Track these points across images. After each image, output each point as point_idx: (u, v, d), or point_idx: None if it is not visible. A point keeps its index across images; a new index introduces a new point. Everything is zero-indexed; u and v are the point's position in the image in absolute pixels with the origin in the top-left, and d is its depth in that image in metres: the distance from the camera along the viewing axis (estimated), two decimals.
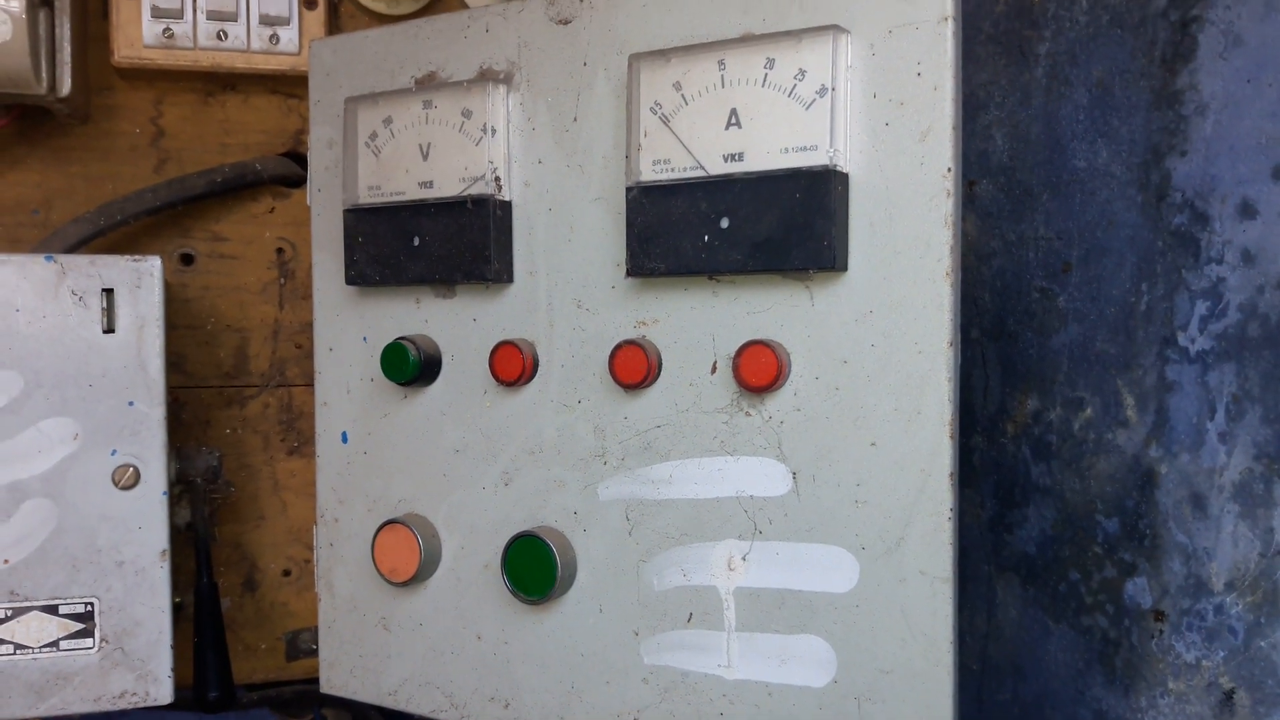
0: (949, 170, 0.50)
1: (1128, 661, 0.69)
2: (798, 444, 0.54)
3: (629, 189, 0.56)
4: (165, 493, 0.69)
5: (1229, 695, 0.64)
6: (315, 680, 0.87)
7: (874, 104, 0.52)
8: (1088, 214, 0.73)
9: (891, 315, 0.52)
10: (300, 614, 0.86)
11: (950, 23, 0.50)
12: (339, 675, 0.69)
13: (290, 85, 0.86)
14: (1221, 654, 0.65)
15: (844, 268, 0.52)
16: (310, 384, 0.86)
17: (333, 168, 0.68)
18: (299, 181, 0.86)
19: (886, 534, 0.52)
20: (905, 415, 0.52)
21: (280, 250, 0.86)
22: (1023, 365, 0.77)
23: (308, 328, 0.86)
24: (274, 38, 0.83)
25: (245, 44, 0.83)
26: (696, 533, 0.57)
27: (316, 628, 0.85)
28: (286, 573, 0.86)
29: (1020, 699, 0.78)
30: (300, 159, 0.87)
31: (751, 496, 0.55)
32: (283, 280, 0.86)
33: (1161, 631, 0.67)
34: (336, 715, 0.94)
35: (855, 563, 0.53)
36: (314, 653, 0.85)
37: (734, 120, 0.53)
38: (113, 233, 0.79)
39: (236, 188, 0.83)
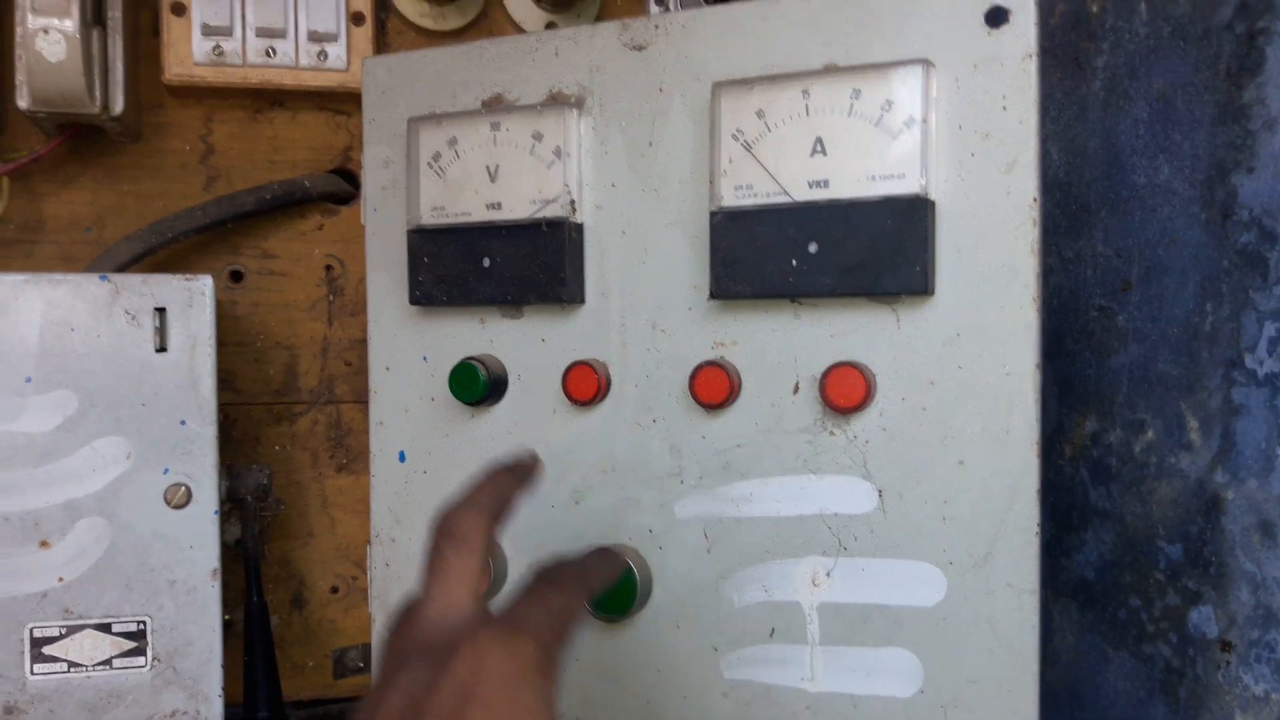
0: (1034, 200, 0.52)
1: (1192, 692, 0.67)
2: (883, 463, 0.56)
3: (713, 213, 0.57)
4: (216, 511, 0.69)
5: None
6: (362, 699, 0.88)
7: (959, 135, 0.53)
8: (1148, 231, 0.71)
9: (979, 339, 0.54)
10: (348, 632, 0.86)
11: (1035, 59, 0.52)
12: None
13: (338, 102, 0.86)
14: None
15: (932, 292, 0.54)
16: (359, 401, 0.86)
17: (389, 187, 0.68)
18: (347, 198, 0.86)
19: (974, 549, 0.54)
20: (993, 435, 0.53)
21: (329, 267, 0.86)
22: (1080, 385, 0.76)
23: (356, 345, 0.86)
24: (322, 54, 0.83)
25: (294, 60, 0.83)
26: (779, 550, 0.58)
27: (364, 645, 0.85)
28: (334, 590, 0.86)
29: None
30: (349, 175, 0.87)
31: (836, 514, 0.57)
32: (331, 297, 0.86)
33: (1229, 663, 0.65)
34: None
35: (943, 577, 0.55)
36: (361, 670, 0.85)
37: (819, 148, 0.55)
38: (163, 250, 0.80)
39: (285, 205, 0.84)
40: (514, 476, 0.53)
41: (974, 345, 0.54)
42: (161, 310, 0.69)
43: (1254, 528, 0.63)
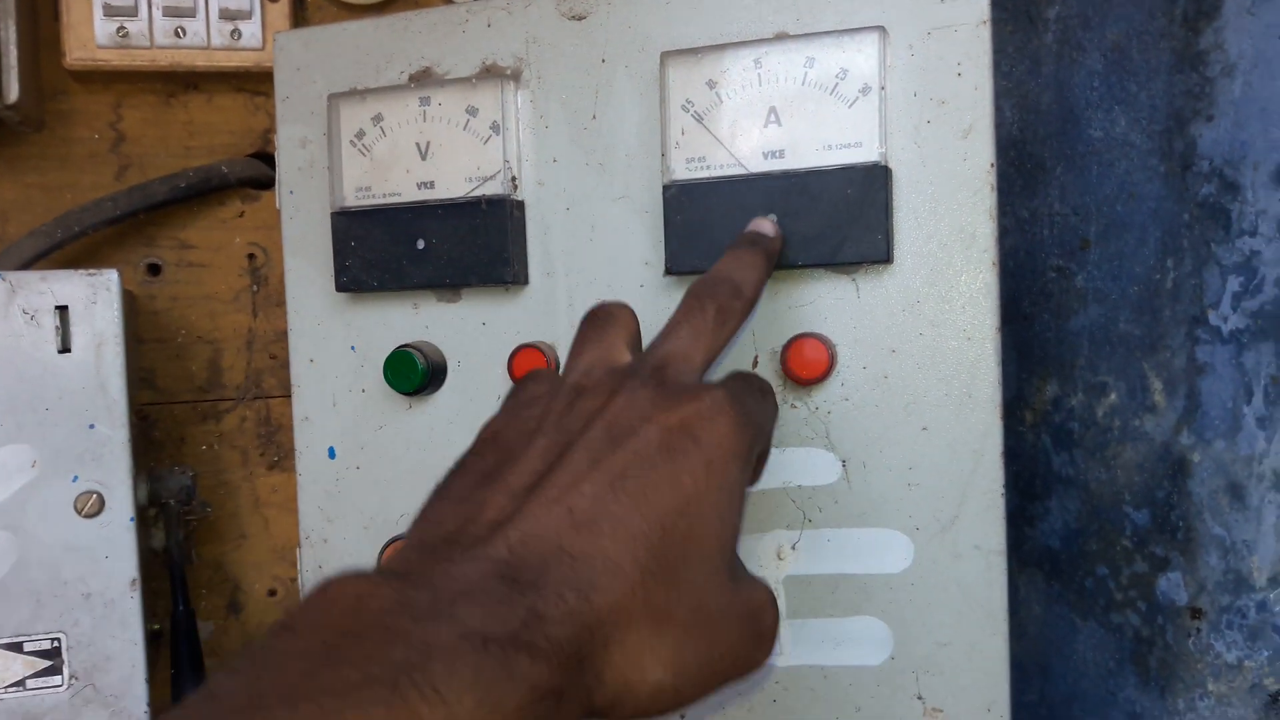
0: (991, 165, 0.53)
1: (1163, 661, 0.65)
2: (846, 432, 0.56)
3: (666, 187, 0.56)
4: (133, 519, 0.65)
5: (1275, 697, 0.60)
6: None
7: (914, 102, 0.54)
8: (1106, 187, 0.68)
9: (939, 304, 0.54)
10: None
11: (988, 25, 0.53)
12: None
13: (255, 82, 0.82)
14: (1266, 653, 0.60)
15: (891, 260, 0.54)
16: (288, 395, 0.81)
17: (306, 168, 0.64)
18: (268, 183, 0.82)
19: (940, 514, 0.54)
20: (956, 399, 0.54)
21: (252, 256, 0.82)
22: (1040, 350, 0.73)
23: (283, 336, 0.81)
24: (235, 33, 0.78)
25: (205, 40, 0.78)
26: (743, 525, 0.56)
27: None
28: (272, 593, 0.82)
29: (1048, 700, 0.74)
30: (269, 159, 0.82)
31: (800, 486, 0.56)
32: (255, 287, 0.82)
33: (1199, 630, 0.63)
34: None
35: (909, 543, 0.55)
36: None
37: (773, 118, 0.54)
38: (73, 245, 0.75)
39: (203, 192, 0.79)
40: (765, 248, 0.52)
41: (934, 311, 0.54)
42: (63, 309, 0.64)
43: (1222, 490, 0.61)
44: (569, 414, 0.41)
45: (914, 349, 0.55)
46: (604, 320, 0.47)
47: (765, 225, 0.54)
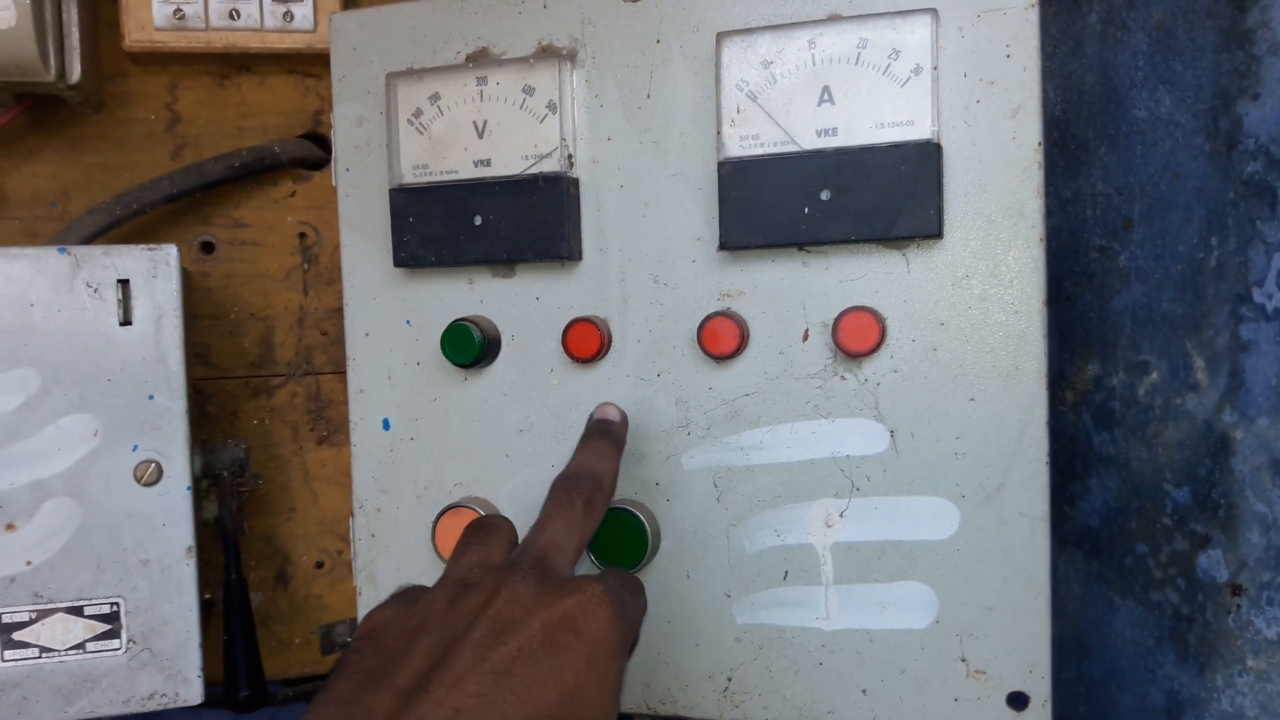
0: (1039, 144, 0.55)
1: (1202, 638, 0.65)
2: (895, 403, 0.57)
3: (721, 164, 0.57)
4: (189, 488, 0.67)
5: None
6: None
7: (964, 83, 0.56)
8: (1150, 167, 0.68)
9: (987, 279, 0.56)
10: (334, 607, 0.84)
11: (1036, 9, 0.54)
12: None
13: (307, 64, 0.83)
14: None
15: (941, 235, 0.56)
16: (338, 371, 0.83)
17: (362, 146, 0.66)
18: (319, 163, 0.84)
19: (987, 482, 0.56)
20: (1003, 371, 0.56)
21: (303, 235, 0.84)
22: (1082, 329, 0.73)
23: (333, 314, 0.83)
24: (288, 15, 0.80)
25: (259, 22, 0.80)
26: (790, 494, 0.59)
27: (351, 620, 0.83)
28: (319, 565, 0.84)
29: (1086, 678, 0.75)
30: (320, 140, 0.84)
31: (848, 456, 0.58)
32: (306, 266, 0.84)
33: (1239, 606, 0.63)
34: None
35: (956, 511, 0.57)
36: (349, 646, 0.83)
37: (827, 97, 0.56)
38: (131, 223, 0.77)
39: (255, 171, 0.81)
40: (614, 436, 0.57)
41: (983, 286, 0.56)
42: (124, 282, 0.66)
43: (1264, 467, 0.61)
44: (452, 611, 0.42)
45: (963, 322, 0.56)
46: (485, 529, 0.50)
47: (611, 412, 0.59)
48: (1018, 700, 0.57)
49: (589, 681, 0.41)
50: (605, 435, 0.56)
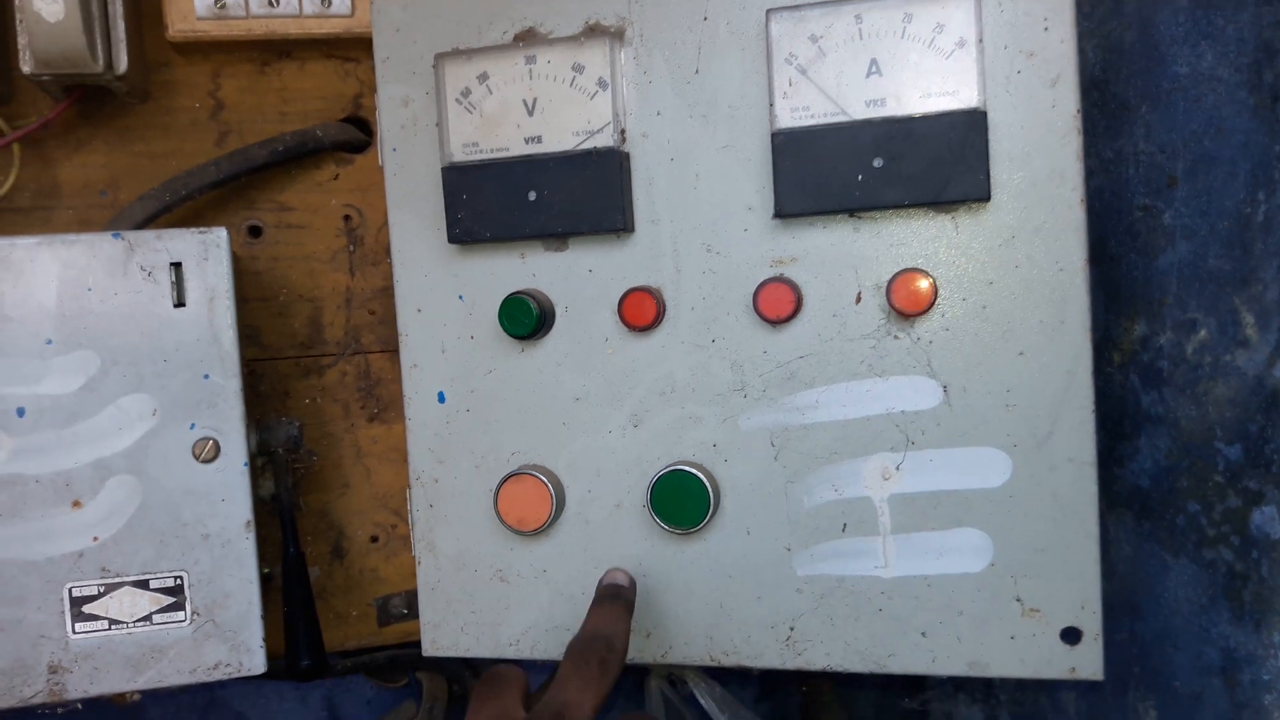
0: (1077, 111, 0.58)
1: (1257, 595, 0.65)
2: (947, 360, 0.60)
3: (775, 134, 0.60)
4: (246, 464, 0.68)
5: None
6: (408, 645, 0.87)
7: (1004, 54, 0.59)
8: (1193, 123, 0.68)
9: (1032, 239, 0.59)
10: (390, 580, 0.86)
11: None
12: (445, 635, 0.69)
13: (345, 49, 0.84)
14: None
15: (990, 198, 0.59)
16: (386, 350, 0.85)
17: (409, 126, 0.67)
18: (361, 146, 0.85)
19: (1037, 430, 0.60)
20: (1050, 326, 0.59)
21: (348, 217, 0.85)
22: (1127, 289, 0.73)
23: (379, 294, 0.85)
24: (326, 1, 0.81)
25: (298, 9, 0.81)
26: (847, 450, 0.62)
27: (407, 592, 0.85)
28: (374, 539, 0.85)
29: (1139, 638, 0.74)
30: (361, 123, 0.85)
31: (902, 412, 0.61)
32: (352, 247, 0.85)
33: None
34: (430, 678, 0.93)
35: (1008, 459, 0.60)
36: (405, 617, 0.85)
37: (874, 69, 0.59)
38: (179, 208, 0.79)
39: (299, 155, 0.82)
40: (624, 601, 0.59)
41: (1028, 246, 0.59)
42: (177, 265, 0.68)
43: None
44: None
45: (1010, 281, 0.59)
46: (498, 681, 0.51)
47: (619, 577, 0.62)
48: (1071, 635, 0.60)
49: None
50: (616, 599, 0.59)
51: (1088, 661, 0.61)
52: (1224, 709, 0.66)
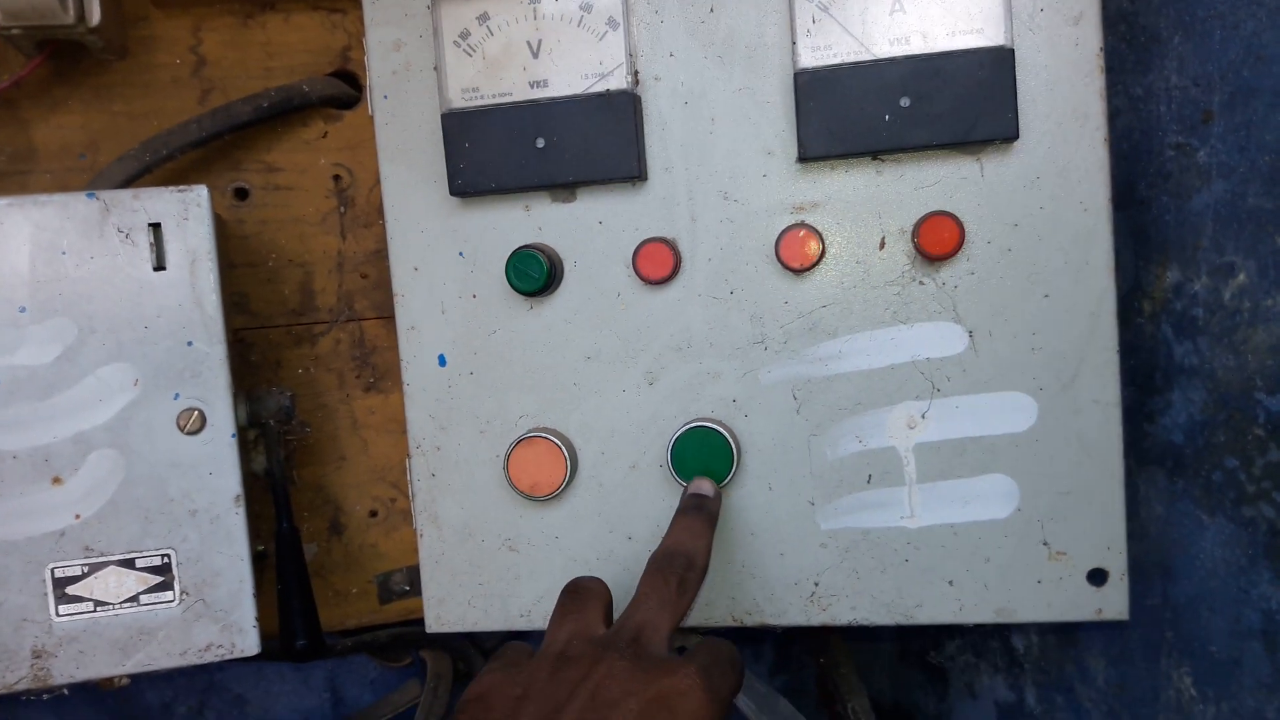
0: (1100, 50, 0.57)
1: None
2: (973, 305, 0.59)
3: (798, 74, 0.57)
4: (235, 435, 0.65)
5: None
6: (410, 623, 0.84)
7: None
8: (1230, 52, 0.64)
9: (1058, 180, 0.58)
10: (390, 555, 0.82)
11: None
12: (451, 610, 0.66)
13: None
14: None
15: (1018, 137, 0.57)
16: (382, 316, 0.81)
17: (400, 72, 0.63)
18: (350, 102, 0.81)
19: (1062, 373, 0.59)
20: (1075, 267, 0.58)
21: (337, 177, 0.81)
22: (1158, 234, 0.69)
23: (373, 257, 0.81)
24: None
25: None
26: (871, 400, 0.61)
27: (408, 568, 0.82)
28: (373, 514, 0.82)
29: (1172, 602, 0.71)
30: (350, 78, 0.81)
31: (928, 359, 0.60)
32: (342, 209, 0.81)
33: None
34: (435, 657, 0.91)
35: (1034, 403, 0.59)
36: (407, 594, 0.82)
37: (898, 6, 0.57)
38: (161, 170, 0.75)
39: (285, 111, 0.78)
40: (708, 512, 0.57)
41: (1053, 186, 0.58)
42: (156, 226, 0.64)
43: None
44: (554, 682, 0.44)
45: (1035, 222, 0.58)
46: (581, 594, 0.51)
47: (705, 486, 0.59)
48: (1097, 576, 0.60)
49: None
50: (699, 511, 0.57)
51: (1113, 602, 0.61)
52: (1265, 673, 0.63)
